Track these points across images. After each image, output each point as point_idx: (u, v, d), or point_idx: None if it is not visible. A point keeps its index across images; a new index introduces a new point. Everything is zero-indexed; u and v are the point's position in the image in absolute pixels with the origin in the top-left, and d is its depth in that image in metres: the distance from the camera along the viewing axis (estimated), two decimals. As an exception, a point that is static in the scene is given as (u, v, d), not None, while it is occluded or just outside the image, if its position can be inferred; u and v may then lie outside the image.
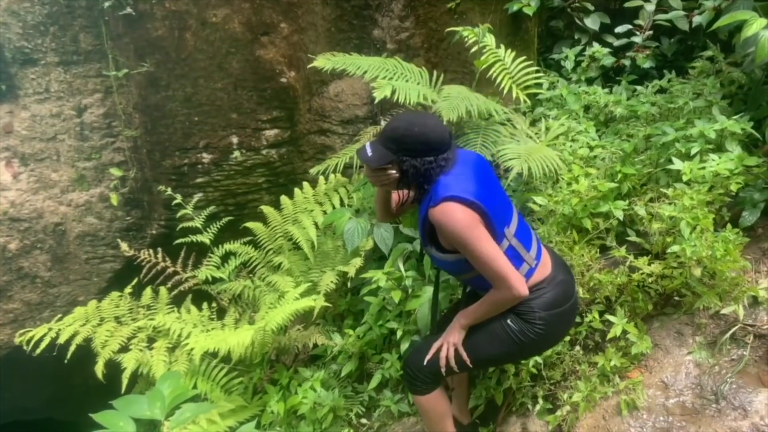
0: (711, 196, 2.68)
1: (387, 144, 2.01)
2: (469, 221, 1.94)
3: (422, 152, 1.99)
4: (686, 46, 4.16)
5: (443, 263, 2.17)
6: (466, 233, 1.93)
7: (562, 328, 2.25)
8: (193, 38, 3.40)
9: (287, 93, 3.65)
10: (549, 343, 2.34)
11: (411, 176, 2.02)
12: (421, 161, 1.99)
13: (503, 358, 2.38)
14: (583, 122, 3.45)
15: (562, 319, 2.19)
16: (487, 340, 2.19)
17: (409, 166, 2.00)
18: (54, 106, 3.69)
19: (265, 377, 3.28)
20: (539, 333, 2.11)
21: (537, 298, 2.10)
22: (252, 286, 3.50)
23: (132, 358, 3.15)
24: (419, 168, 2.00)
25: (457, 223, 1.93)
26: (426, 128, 1.99)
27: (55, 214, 3.83)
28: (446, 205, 1.94)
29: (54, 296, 4.00)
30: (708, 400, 2.41)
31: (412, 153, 1.99)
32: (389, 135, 2.01)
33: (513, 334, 2.12)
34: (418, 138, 1.97)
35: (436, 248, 2.12)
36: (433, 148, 1.99)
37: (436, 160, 2.00)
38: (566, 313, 2.19)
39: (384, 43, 3.91)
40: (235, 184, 3.80)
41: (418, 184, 2.05)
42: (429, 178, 2.01)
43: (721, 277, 2.54)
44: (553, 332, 2.19)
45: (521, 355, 2.40)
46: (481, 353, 2.22)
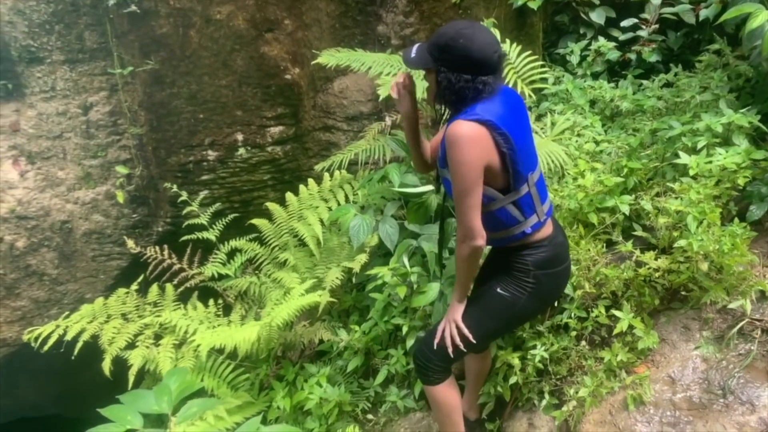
0: (718, 190, 2.67)
1: (430, 49, 1.90)
2: (479, 158, 1.85)
3: (461, 67, 1.85)
4: (693, 39, 4.14)
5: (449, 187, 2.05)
6: (466, 168, 1.84)
7: (552, 290, 2.25)
8: (197, 35, 3.40)
9: (292, 90, 3.65)
10: (540, 305, 2.33)
11: (443, 90, 1.89)
12: (456, 77, 1.86)
13: (501, 327, 2.38)
14: (588, 117, 3.45)
15: (553, 282, 2.18)
16: (482, 314, 2.20)
17: (443, 79, 1.88)
18: (60, 104, 3.71)
19: (271, 373, 3.29)
20: (530, 292, 2.11)
21: (534, 254, 2.09)
22: (258, 282, 3.51)
23: (139, 354, 3.16)
24: (453, 83, 1.87)
25: (466, 152, 1.83)
26: (472, 43, 1.83)
27: (61, 212, 3.84)
28: (474, 126, 1.84)
29: (61, 293, 4.02)
30: (715, 395, 2.40)
31: (450, 65, 1.86)
32: (434, 40, 1.90)
33: (505, 300, 2.13)
34: (460, 51, 1.84)
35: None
36: (473, 66, 1.85)
37: (474, 81, 1.86)
38: (558, 275, 2.19)
39: (388, 38, 3.90)
40: (241, 181, 3.81)
41: (450, 101, 1.93)
42: (462, 97, 1.88)
43: (729, 271, 2.53)
44: (543, 292, 2.18)
45: (517, 320, 2.38)
46: (479, 328, 2.22)
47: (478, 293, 2.28)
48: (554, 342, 2.67)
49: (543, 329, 2.72)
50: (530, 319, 2.61)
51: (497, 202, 2.01)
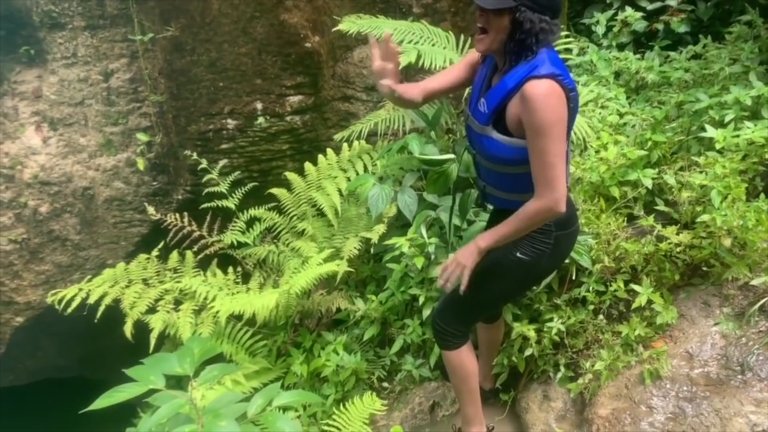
0: (744, 164, 2.61)
1: None
2: (563, 114, 1.82)
3: (543, 8, 1.81)
4: (723, 10, 4.02)
5: (500, 149, 1.98)
6: (554, 127, 1.80)
7: (567, 250, 2.25)
8: (217, 2, 3.38)
9: (311, 58, 3.63)
10: (555, 264, 2.32)
11: (526, 32, 1.82)
12: (538, 17, 1.80)
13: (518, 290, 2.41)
14: (613, 89, 3.38)
15: (568, 241, 2.19)
16: (502, 279, 2.19)
17: (525, 19, 1.80)
18: (81, 70, 3.72)
19: (288, 340, 3.33)
20: (549, 253, 2.10)
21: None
22: (276, 251, 3.53)
23: (159, 319, 3.22)
24: (535, 24, 1.81)
25: (552, 110, 1.79)
26: None
27: (83, 179, 3.89)
28: (552, 85, 1.80)
29: (84, 259, 4.10)
30: (733, 371, 2.39)
31: (533, 5, 1.80)
32: None
33: (525, 263, 2.11)
34: None
35: (498, 130, 1.96)
36: (552, 9, 1.83)
37: (550, 23, 1.84)
38: (572, 235, 2.19)
39: (410, 6, 3.84)
40: (260, 151, 3.81)
41: (525, 45, 1.86)
42: (539, 40, 1.84)
43: (752, 247, 2.49)
44: (560, 252, 2.18)
45: (533, 282, 2.41)
46: (497, 292, 2.26)
47: (493, 259, 2.17)
48: (571, 315, 2.67)
49: (560, 302, 2.71)
50: (545, 278, 2.60)
51: None
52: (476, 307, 2.34)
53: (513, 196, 2.09)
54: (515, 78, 1.87)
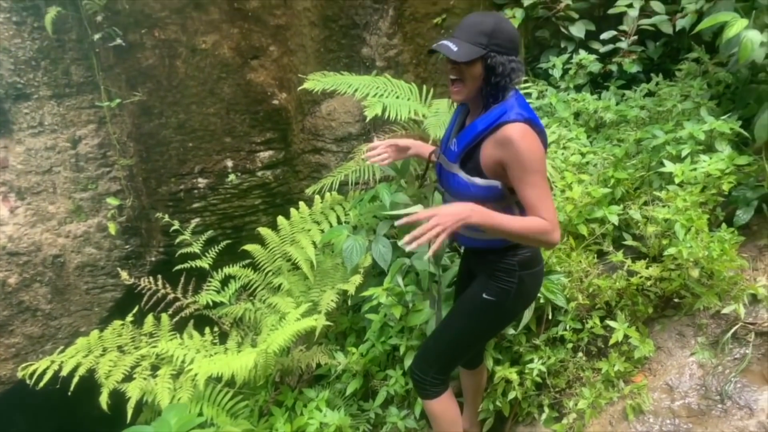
0: (704, 196, 2.70)
1: (474, 38, 1.88)
2: (542, 150, 1.90)
3: (509, 50, 1.89)
4: (672, 48, 4.20)
5: (465, 187, 2.03)
6: (540, 163, 1.87)
7: (533, 290, 2.28)
8: (183, 65, 3.43)
9: (280, 114, 3.68)
10: (523, 305, 2.36)
11: (499, 75, 1.91)
12: (508, 59, 1.89)
13: (488, 331, 2.40)
14: (573, 129, 3.49)
15: (534, 281, 2.23)
16: (469, 321, 2.23)
17: (497, 63, 1.89)
18: (48, 139, 3.71)
19: (270, 399, 3.27)
20: (515, 293, 2.14)
21: (520, 255, 2.12)
22: (253, 308, 3.50)
23: (136, 386, 3.14)
24: (506, 66, 1.89)
25: (534, 148, 1.86)
26: (510, 26, 1.90)
27: (53, 246, 3.83)
28: (526, 127, 1.88)
29: (56, 328, 4.00)
30: (713, 401, 2.42)
31: (500, 49, 1.88)
32: (477, 29, 1.89)
33: (492, 304, 2.16)
34: (508, 34, 1.88)
35: (466, 170, 2.02)
36: (516, 48, 1.92)
37: (518, 61, 1.92)
38: (537, 275, 2.23)
39: (373, 60, 3.95)
40: (232, 207, 3.81)
41: (498, 85, 1.93)
42: (511, 80, 1.93)
43: (719, 276, 2.56)
44: (526, 292, 2.22)
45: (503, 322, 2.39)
46: (469, 335, 2.27)
47: (462, 301, 2.31)
48: (551, 355, 2.68)
49: (539, 342, 2.73)
50: (513, 320, 2.61)
51: (507, 200, 2.02)
52: (451, 353, 2.34)
53: (479, 234, 2.13)
54: (486, 121, 1.95)
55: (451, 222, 1.76)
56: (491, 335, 2.64)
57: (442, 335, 2.36)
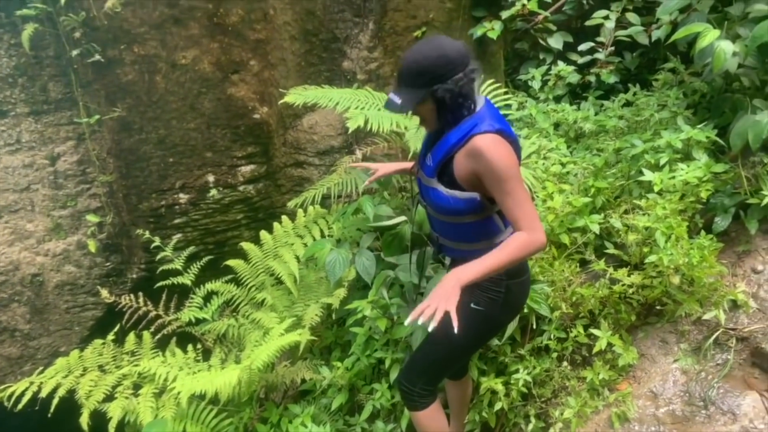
0: (683, 204, 2.74)
1: (413, 83, 1.93)
2: (515, 159, 1.93)
3: (449, 73, 1.90)
4: (648, 59, 4.28)
5: (445, 200, 2.05)
6: (512, 170, 1.88)
7: (520, 298, 2.28)
8: (163, 81, 3.42)
9: (261, 128, 3.67)
10: (510, 314, 2.36)
11: (449, 101, 1.93)
12: (452, 82, 1.91)
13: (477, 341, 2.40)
14: (553, 139, 3.52)
15: (521, 290, 2.23)
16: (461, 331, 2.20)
17: (443, 93, 1.91)
18: (26, 156, 3.66)
19: (255, 416, 3.23)
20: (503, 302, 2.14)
21: None
22: (236, 324, 3.46)
23: (118, 406, 3.08)
24: (454, 90, 1.91)
25: (505, 157, 1.88)
26: (443, 49, 1.91)
27: (32, 265, 3.77)
28: (495, 137, 1.90)
29: (34, 349, 3.92)
30: (697, 407, 2.43)
31: (441, 79, 1.91)
32: (410, 72, 1.92)
33: (480, 314, 2.15)
34: (439, 61, 1.89)
35: (444, 183, 2.04)
36: (458, 65, 1.92)
37: (465, 75, 1.93)
38: (524, 284, 2.24)
39: (354, 74, 3.96)
40: (214, 222, 3.78)
41: (458, 105, 1.96)
42: (467, 94, 1.95)
43: (700, 283, 2.59)
44: (513, 301, 2.22)
45: (491, 332, 2.41)
46: (457, 346, 2.25)
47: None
48: (536, 365, 2.69)
49: (524, 352, 2.73)
50: (501, 329, 2.61)
51: (488, 210, 2.04)
52: (439, 363, 2.33)
53: (463, 245, 2.16)
54: (458, 134, 1.97)
55: (445, 297, 1.82)
56: (480, 345, 2.64)
57: (430, 346, 2.35)
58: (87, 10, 3.27)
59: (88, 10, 3.27)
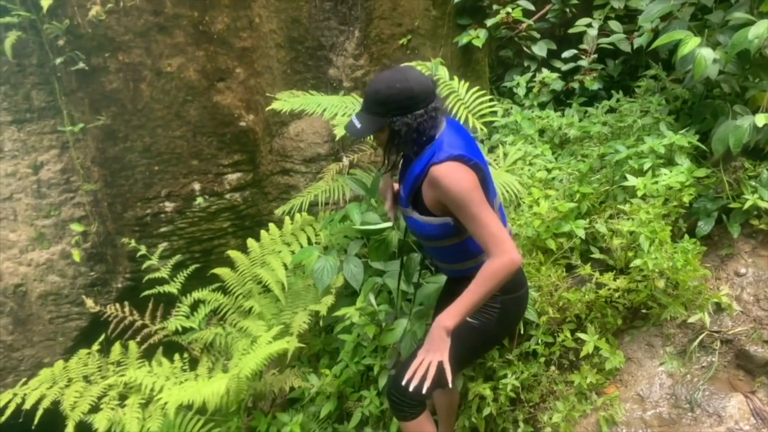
0: (666, 209, 2.77)
1: (373, 110, 1.94)
2: (474, 182, 1.91)
3: (410, 107, 1.92)
4: (630, 66, 4.34)
5: (422, 227, 2.09)
6: (470, 194, 1.88)
7: (516, 313, 2.28)
8: (148, 89, 3.40)
9: (247, 136, 3.67)
10: (506, 329, 2.36)
11: (404, 135, 1.95)
12: (412, 117, 1.92)
13: (471, 356, 2.40)
14: (539, 146, 3.55)
15: (516, 305, 2.23)
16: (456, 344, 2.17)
17: (400, 125, 1.93)
18: (8, 165, 3.62)
19: (243, 426, 3.20)
20: (497, 318, 2.14)
21: None
22: (223, 333, 3.44)
23: (104, 417, 3.04)
24: (411, 124, 1.93)
25: (462, 182, 1.89)
26: (408, 82, 1.91)
27: (14, 276, 3.72)
28: (452, 165, 1.90)
29: (17, 360, 3.86)
30: (683, 409, 2.46)
31: (400, 111, 1.92)
32: (372, 99, 1.94)
33: (474, 329, 2.15)
34: (402, 94, 1.90)
35: (419, 211, 2.07)
36: (421, 101, 1.92)
37: (427, 112, 1.94)
38: (520, 299, 2.24)
39: (340, 81, 3.97)
40: (200, 231, 3.76)
41: (412, 141, 1.98)
42: (423, 131, 1.95)
43: (684, 286, 2.62)
44: (508, 316, 2.22)
45: (485, 347, 2.42)
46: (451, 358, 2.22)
47: None
48: (524, 369, 2.70)
49: (512, 357, 2.74)
50: (497, 344, 2.64)
51: (464, 233, 2.05)
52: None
53: (455, 266, 2.20)
54: (419, 165, 2.01)
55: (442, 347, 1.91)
56: (474, 359, 2.64)
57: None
58: (71, 17, 3.25)
59: (72, 17, 3.25)
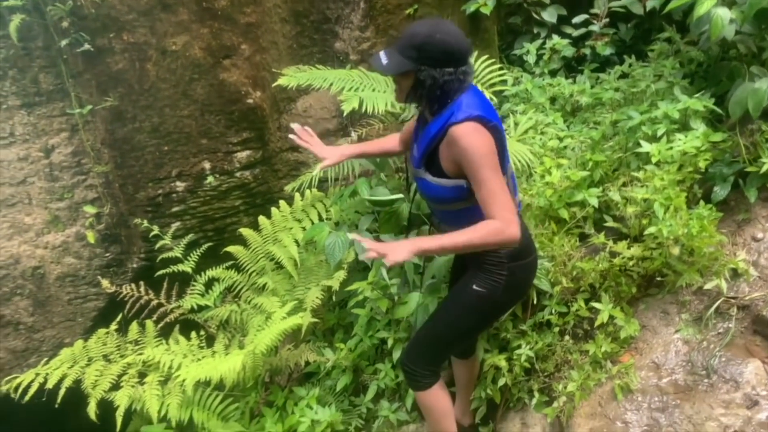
0: (681, 175, 2.72)
1: (406, 51, 1.89)
2: (491, 146, 1.89)
3: (442, 62, 1.88)
4: (643, 30, 4.23)
5: (434, 189, 2.06)
6: (486, 158, 1.86)
7: (524, 281, 2.28)
8: (154, 68, 3.38)
9: (255, 113, 3.64)
10: (514, 296, 2.37)
11: (428, 88, 1.91)
12: (440, 72, 1.88)
13: (480, 323, 2.40)
14: (550, 114, 3.50)
15: (524, 272, 2.23)
16: (461, 312, 2.22)
17: (427, 77, 1.89)
18: (20, 149, 3.64)
19: (260, 400, 3.25)
20: (505, 284, 2.13)
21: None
22: (238, 310, 3.48)
23: (124, 395, 3.10)
24: (438, 79, 1.89)
25: (480, 144, 1.86)
26: (449, 36, 1.87)
27: (32, 258, 3.77)
28: (472, 125, 1.87)
29: (39, 341, 3.93)
30: (699, 376, 2.44)
31: (432, 62, 1.88)
32: (408, 41, 1.89)
33: (482, 296, 2.15)
34: (439, 46, 1.86)
35: (431, 172, 2.04)
36: (454, 59, 1.89)
37: (456, 73, 1.90)
38: (528, 266, 2.23)
39: (347, 54, 3.92)
40: (212, 209, 3.77)
41: (434, 97, 1.94)
42: (447, 91, 1.91)
43: (700, 253, 2.58)
44: (516, 284, 2.21)
45: (494, 314, 2.42)
46: (460, 327, 2.26)
47: (453, 293, 2.32)
48: (538, 340, 2.70)
49: (526, 328, 2.74)
50: (506, 312, 2.63)
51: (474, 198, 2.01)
52: (442, 345, 2.34)
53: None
54: (437, 125, 1.97)
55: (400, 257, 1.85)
56: (483, 327, 2.64)
57: (433, 327, 2.35)
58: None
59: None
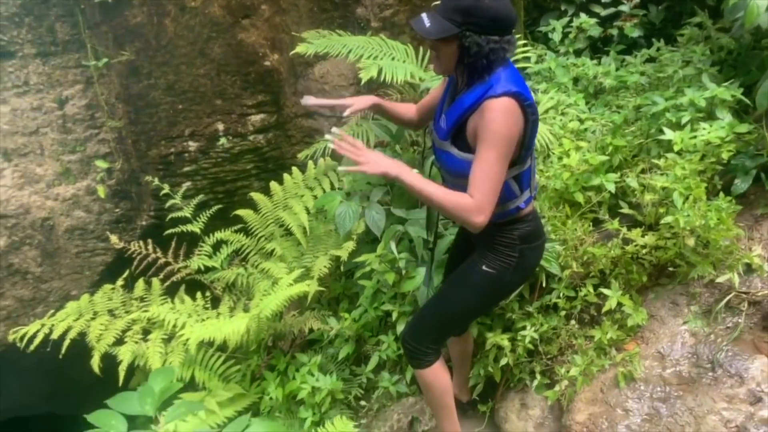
0: (703, 165, 2.67)
1: (450, 15, 1.81)
2: (514, 133, 1.83)
3: (488, 29, 1.80)
4: (674, 13, 4.12)
5: (458, 164, 1.99)
6: (502, 141, 1.80)
7: (533, 263, 2.26)
8: (172, 24, 3.33)
9: (271, 76, 3.59)
10: (522, 278, 2.36)
11: (472, 55, 1.83)
12: (485, 39, 1.80)
13: (486, 303, 2.41)
14: (572, 95, 3.42)
15: (534, 255, 2.21)
16: (469, 292, 2.21)
17: (472, 43, 1.81)
18: (34, 99, 3.62)
19: (262, 364, 3.27)
20: (515, 266, 2.12)
21: (521, 228, 2.09)
22: (245, 273, 3.48)
23: (128, 350, 3.13)
24: (483, 47, 1.81)
25: (506, 128, 1.80)
26: (497, 2, 1.80)
27: (42, 209, 3.78)
28: (510, 103, 1.81)
29: (46, 291, 3.97)
30: (704, 369, 2.42)
31: (477, 28, 1.79)
32: (453, 5, 1.81)
33: (491, 276, 2.13)
34: (487, 12, 1.78)
35: (457, 146, 1.97)
36: (501, 27, 1.81)
37: (501, 42, 1.83)
38: (538, 249, 2.22)
39: (368, 21, 3.84)
40: (224, 172, 3.75)
41: (476, 66, 1.87)
42: (491, 61, 1.84)
43: (715, 245, 2.54)
44: (525, 266, 2.19)
45: (501, 295, 2.42)
46: (467, 306, 2.26)
47: (461, 272, 2.26)
48: (544, 322, 2.68)
49: (532, 310, 2.72)
50: (512, 293, 2.62)
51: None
52: (446, 323, 2.33)
53: None
54: (472, 97, 1.89)
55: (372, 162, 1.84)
56: (490, 307, 2.63)
57: (438, 306, 2.33)
58: (94, -53, 3.17)
59: (94, -53, 3.17)
